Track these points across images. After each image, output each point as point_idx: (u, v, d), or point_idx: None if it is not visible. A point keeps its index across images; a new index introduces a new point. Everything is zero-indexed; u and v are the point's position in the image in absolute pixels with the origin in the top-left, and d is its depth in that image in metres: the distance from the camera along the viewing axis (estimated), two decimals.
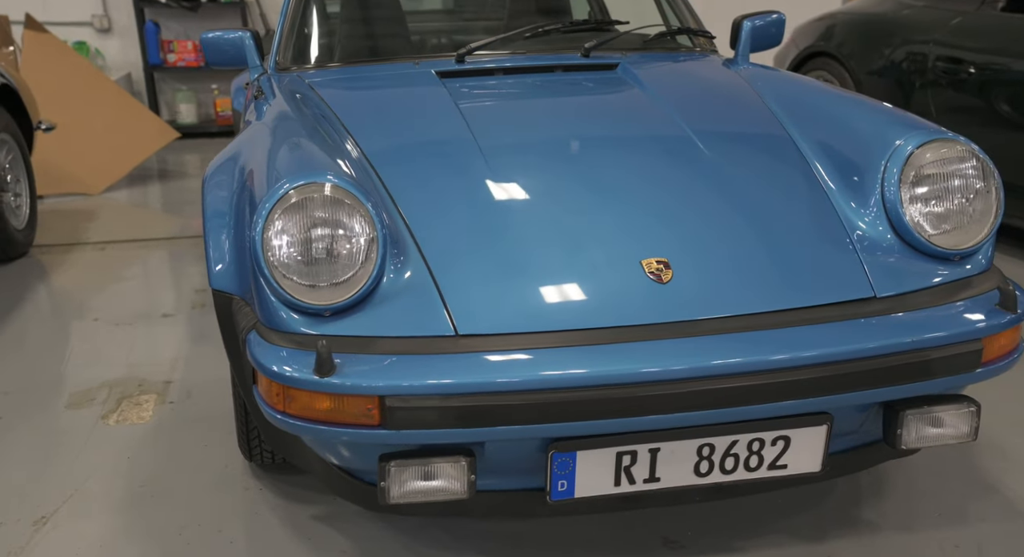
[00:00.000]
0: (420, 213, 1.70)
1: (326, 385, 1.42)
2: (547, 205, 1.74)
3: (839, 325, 1.56)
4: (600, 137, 1.99)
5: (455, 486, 1.51)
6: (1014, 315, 1.60)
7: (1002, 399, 2.38)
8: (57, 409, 2.48)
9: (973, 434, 1.64)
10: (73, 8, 8.23)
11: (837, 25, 4.65)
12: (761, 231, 1.71)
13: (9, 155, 4.13)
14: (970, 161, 1.73)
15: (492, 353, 1.48)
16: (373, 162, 1.82)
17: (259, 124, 2.09)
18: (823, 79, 4.69)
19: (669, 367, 1.46)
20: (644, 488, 1.55)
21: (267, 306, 1.56)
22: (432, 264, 1.60)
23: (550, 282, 1.59)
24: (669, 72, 2.51)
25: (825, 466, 1.59)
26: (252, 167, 1.80)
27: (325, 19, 2.94)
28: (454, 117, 2.02)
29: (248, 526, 1.91)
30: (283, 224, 1.52)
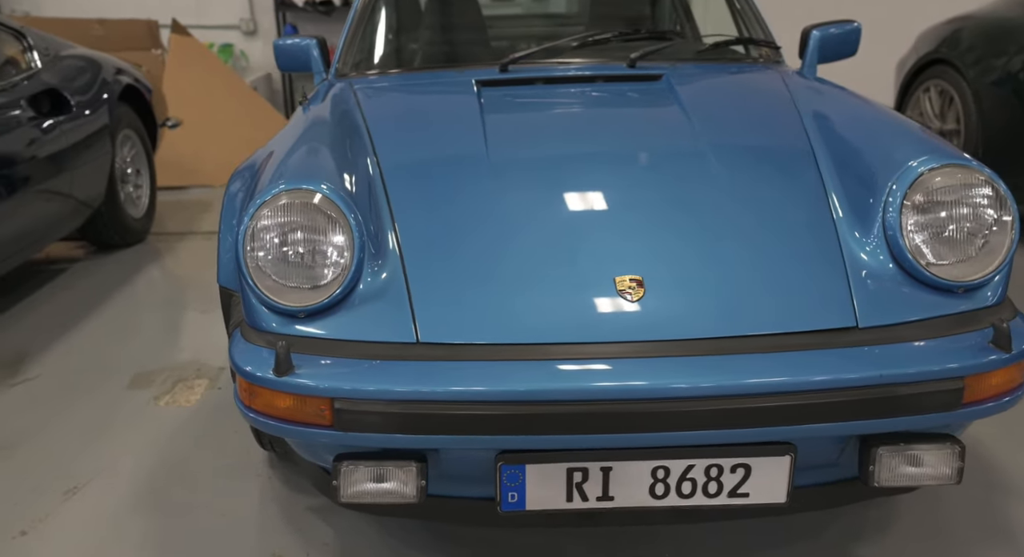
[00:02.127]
0: (413, 225, 1.72)
1: (281, 384, 1.49)
2: (537, 222, 1.74)
3: (809, 354, 1.49)
4: (611, 153, 1.96)
5: (405, 490, 1.55)
6: (1004, 355, 1.49)
7: None
8: (119, 388, 2.69)
9: (956, 476, 1.54)
10: (224, 12, 8.76)
11: (965, 29, 4.33)
12: (750, 254, 1.65)
13: (132, 150, 4.47)
14: (984, 189, 1.61)
15: (446, 362, 1.50)
16: (385, 173, 1.86)
17: (290, 128, 2.20)
18: (939, 90, 4.41)
19: (620, 386, 1.44)
20: (598, 506, 1.54)
21: (247, 304, 1.64)
22: (410, 274, 1.63)
23: (520, 296, 1.60)
24: (712, 85, 2.45)
25: (791, 498, 1.53)
26: (265, 169, 1.89)
27: (386, 27, 3.03)
28: (475, 130, 2.04)
29: (248, 512, 2.01)
30: (267, 224, 1.59)
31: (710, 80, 2.48)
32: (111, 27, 6.50)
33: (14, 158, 3.27)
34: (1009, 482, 2.07)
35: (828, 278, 1.61)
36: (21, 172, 3.28)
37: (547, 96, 2.39)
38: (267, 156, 1.99)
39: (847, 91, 2.31)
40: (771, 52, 2.79)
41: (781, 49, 2.81)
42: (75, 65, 4.03)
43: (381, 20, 3.02)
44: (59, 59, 3.95)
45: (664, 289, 1.58)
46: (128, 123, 4.38)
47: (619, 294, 1.57)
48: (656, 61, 2.54)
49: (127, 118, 4.36)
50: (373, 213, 1.73)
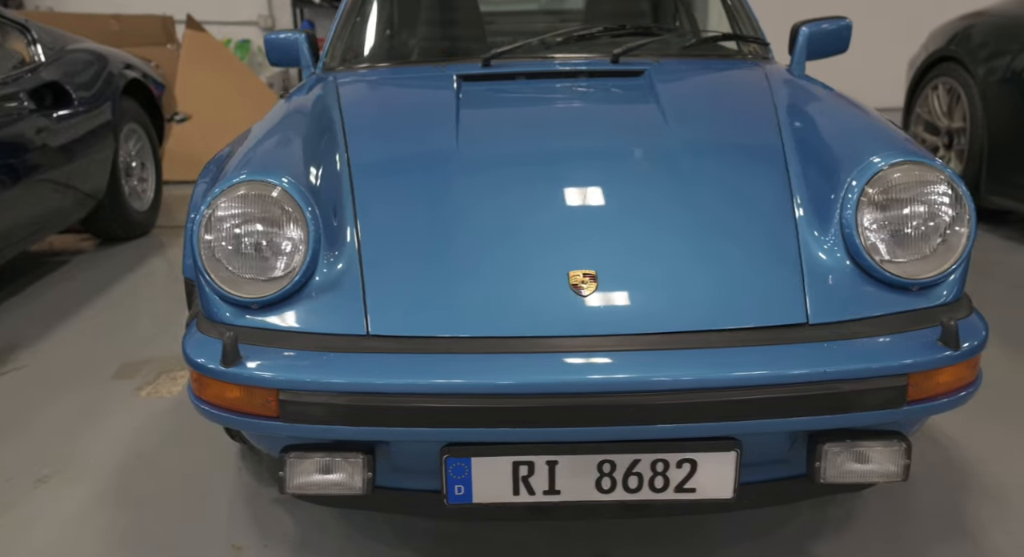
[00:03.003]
0: (375, 220, 1.71)
1: (228, 375, 1.50)
2: (497, 217, 1.73)
3: (756, 350, 1.48)
4: (578, 150, 1.95)
5: (352, 482, 1.55)
6: (950, 353, 1.47)
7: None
8: (104, 378, 2.72)
9: (902, 474, 1.53)
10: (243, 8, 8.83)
11: (976, 27, 4.25)
12: (707, 251, 1.64)
13: (138, 144, 4.52)
14: (942, 187, 1.59)
15: (393, 355, 1.51)
16: (353, 167, 1.85)
17: (266, 119, 2.20)
18: (947, 87, 4.34)
19: (565, 380, 1.44)
20: (545, 500, 1.54)
21: (202, 295, 1.65)
22: (366, 268, 1.63)
23: (473, 290, 1.59)
24: (693, 81, 2.42)
25: (738, 494, 1.52)
26: (231, 159, 1.90)
27: (375, 21, 3.03)
28: (448, 126, 2.03)
29: (213, 504, 2.02)
30: (223, 214, 1.60)
31: (692, 76, 2.46)
32: (127, 23, 6.58)
33: (11, 150, 3.31)
34: (972, 481, 2.04)
35: (782, 274, 1.59)
36: (18, 164, 3.33)
37: (525, 91, 2.38)
38: (238, 145, 2.00)
39: (829, 89, 2.28)
40: (760, 48, 2.76)
41: (770, 46, 2.78)
42: (80, 59, 4.08)
43: (370, 15, 3.03)
44: (64, 53, 4.00)
45: (617, 284, 1.57)
46: (133, 117, 4.42)
47: (571, 288, 1.57)
48: (641, 56, 2.52)
49: (132, 112, 4.40)
50: (336, 207, 1.73)
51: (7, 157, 3.27)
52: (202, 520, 1.96)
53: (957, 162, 4.25)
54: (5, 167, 3.24)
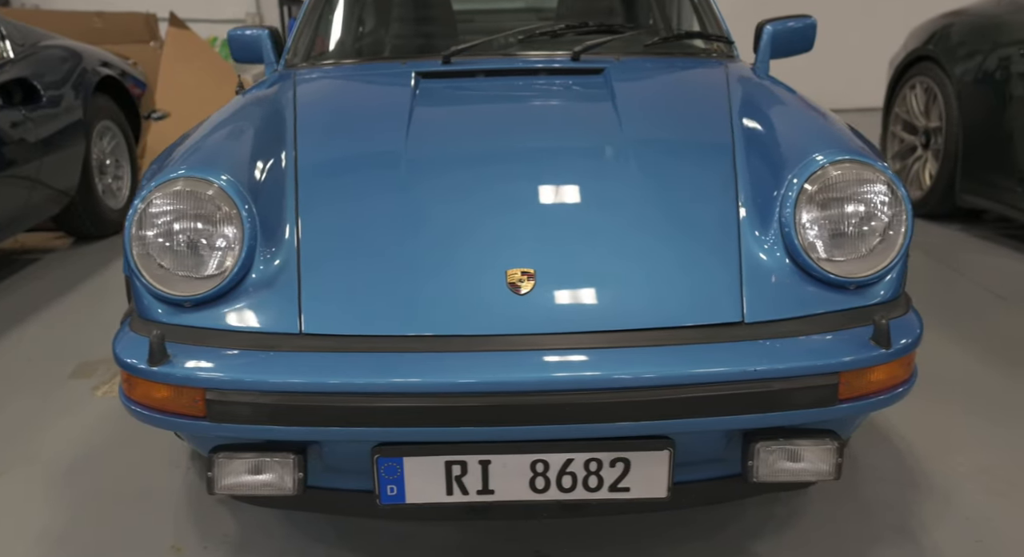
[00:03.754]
0: (316, 219, 1.69)
1: (154, 374, 1.48)
2: (438, 217, 1.71)
3: (687, 348, 1.47)
4: (526, 149, 1.93)
5: (282, 482, 1.54)
6: (881, 352, 1.46)
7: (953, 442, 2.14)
8: (61, 377, 2.70)
9: (835, 472, 1.53)
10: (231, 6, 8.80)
11: (955, 26, 4.23)
12: (647, 250, 1.62)
13: (113, 142, 4.50)
14: (880, 187, 1.59)
15: (323, 353, 1.49)
16: (300, 165, 1.83)
17: (217, 114, 2.18)
18: (924, 87, 4.32)
19: (494, 380, 1.42)
20: (480, 499, 1.52)
21: (135, 293, 1.63)
22: (303, 266, 1.61)
23: (410, 289, 1.58)
24: (652, 79, 2.40)
25: (672, 493, 1.51)
26: (175, 153, 1.88)
27: (339, 18, 3.01)
28: (399, 124, 2.00)
29: (157, 504, 2.01)
30: (156, 210, 1.58)
31: (651, 75, 2.44)
32: (110, 20, 6.55)
33: None
34: (918, 479, 2.04)
35: (721, 273, 1.58)
36: None
37: (482, 89, 2.36)
38: (184, 140, 1.98)
39: (788, 89, 2.26)
40: (725, 47, 2.74)
41: (735, 44, 2.76)
42: (52, 56, 4.05)
43: (334, 12, 3.00)
44: (37, 50, 3.98)
45: (554, 283, 1.56)
46: (108, 115, 4.40)
47: (508, 286, 1.55)
48: (603, 54, 2.51)
49: (107, 110, 4.38)
50: (279, 205, 1.71)
51: None
52: (144, 520, 1.94)
53: (934, 161, 4.24)
54: None
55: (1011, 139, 3.63)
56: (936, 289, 3.41)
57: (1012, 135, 3.63)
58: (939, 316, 3.07)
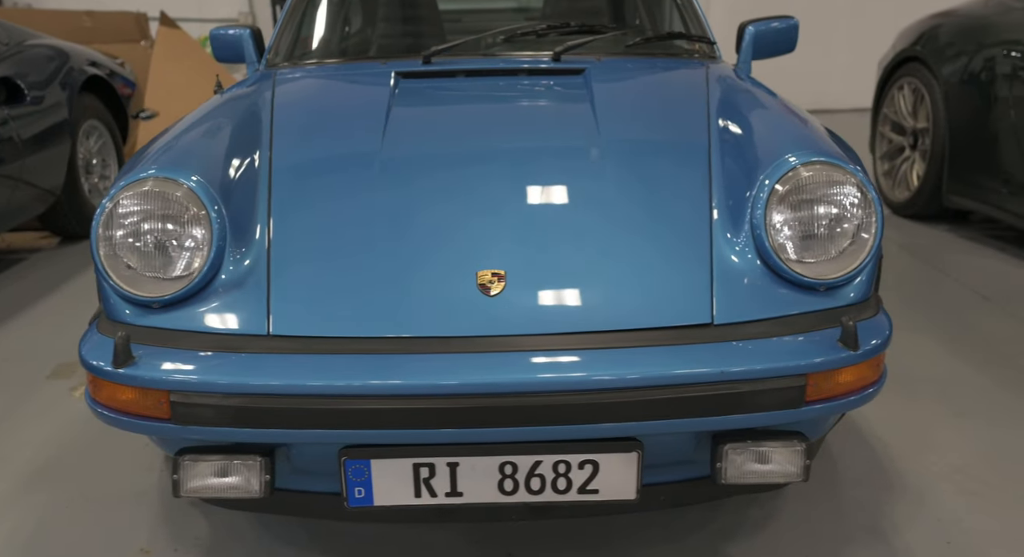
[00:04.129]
0: (288, 220, 1.68)
1: (118, 376, 1.47)
2: (411, 218, 1.70)
3: (657, 350, 1.47)
4: (500, 150, 1.92)
5: (249, 485, 1.53)
6: (849, 353, 1.46)
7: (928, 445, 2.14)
8: (39, 378, 2.69)
9: (802, 474, 1.52)
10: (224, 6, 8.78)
11: (943, 26, 4.23)
12: (616, 251, 1.62)
13: (100, 141, 4.49)
14: (851, 189, 1.58)
15: (289, 355, 1.48)
16: (275, 165, 1.82)
17: (193, 113, 2.17)
18: (912, 87, 4.32)
19: (460, 382, 1.42)
20: (448, 502, 1.52)
21: (102, 293, 1.62)
22: (273, 268, 1.60)
23: (379, 290, 1.57)
24: (631, 80, 2.39)
25: (641, 495, 1.51)
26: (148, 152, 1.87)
27: (319, 18, 3.00)
28: (376, 124, 1.99)
29: (129, 506, 2.00)
30: (124, 211, 1.57)
31: (631, 76, 2.43)
32: (100, 19, 6.54)
33: None
34: (894, 480, 2.03)
35: (692, 275, 1.57)
36: None
37: (461, 89, 2.35)
38: (158, 139, 1.97)
39: (767, 91, 2.25)
40: (707, 48, 2.74)
41: (717, 45, 2.75)
42: (39, 55, 4.05)
43: (317, 11, 2.99)
44: (22, 49, 3.96)
45: (525, 284, 1.55)
46: (95, 114, 4.39)
47: (478, 288, 1.55)
48: (585, 54, 2.50)
49: (93, 109, 4.37)
50: (251, 205, 1.70)
51: None
52: (115, 523, 1.93)
53: (921, 162, 4.23)
54: None
55: (996, 140, 3.63)
56: (921, 289, 3.41)
57: (997, 136, 3.62)
58: (923, 316, 3.07)
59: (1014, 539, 1.81)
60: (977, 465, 2.08)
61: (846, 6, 8.40)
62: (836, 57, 8.33)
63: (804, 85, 8.40)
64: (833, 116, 7.85)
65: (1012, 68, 3.54)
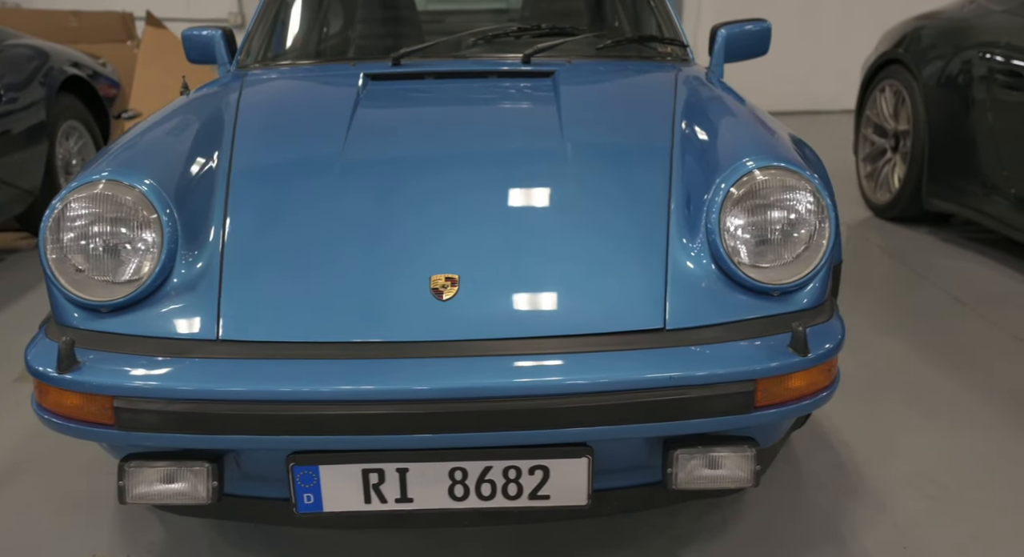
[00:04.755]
0: (244, 224, 1.66)
1: (62, 381, 1.45)
2: (368, 222, 1.68)
3: (607, 355, 1.46)
4: (462, 154, 1.90)
5: (196, 491, 1.51)
6: (798, 359, 1.45)
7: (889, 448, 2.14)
8: (5, 381, 2.67)
9: (752, 479, 1.51)
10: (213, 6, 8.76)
11: (925, 28, 4.22)
12: (571, 256, 1.61)
13: (80, 142, 4.47)
14: (805, 195, 1.57)
15: (236, 360, 1.47)
16: (234, 167, 1.80)
17: (156, 114, 2.16)
18: (894, 90, 4.32)
19: (405, 387, 1.41)
20: (399, 508, 1.51)
21: (51, 297, 1.61)
22: (225, 272, 1.58)
23: (331, 294, 1.55)
24: (600, 82, 2.38)
25: (593, 500, 1.50)
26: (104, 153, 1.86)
27: (293, 19, 2.99)
28: (340, 126, 1.98)
29: (86, 511, 1.98)
30: (73, 214, 1.56)
31: (601, 78, 2.42)
32: (86, 19, 6.52)
33: None
34: (856, 485, 2.03)
35: (646, 280, 1.57)
36: None
37: (428, 92, 2.34)
38: (119, 139, 1.96)
39: (735, 95, 2.24)
40: (680, 50, 2.73)
41: (689, 48, 2.75)
42: (18, 55, 4.03)
43: (290, 12, 2.98)
44: (1, 49, 3.95)
45: (478, 289, 1.55)
46: (75, 115, 4.38)
47: (431, 292, 1.54)
48: (556, 57, 2.49)
49: (73, 109, 4.36)
50: (207, 207, 1.69)
51: None
52: (68, 528, 1.92)
53: (902, 164, 4.23)
54: None
55: (974, 143, 3.63)
56: (896, 292, 3.40)
57: (975, 139, 3.62)
58: (896, 319, 3.07)
59: (968, 543, 1.81)
60: (938, 469, 2.08)
61: (837, 8, 8.40)
62: (827, 59, 8.33)
63: (794, 87, 8.42)
64: (824, 118, 7.85)
65: (988, 70, 3.54)
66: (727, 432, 1.52)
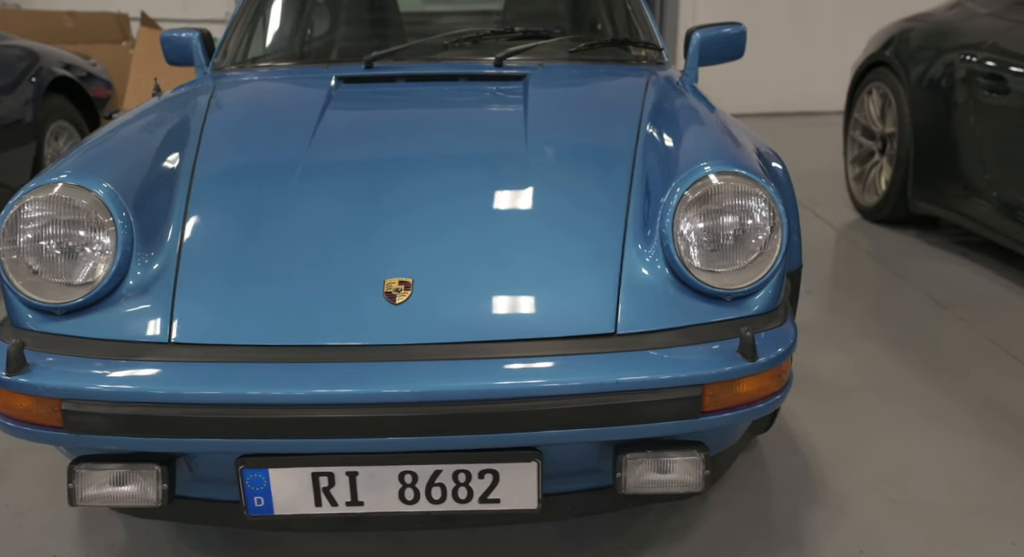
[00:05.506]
0: (202, 227, 1.67)
1: (10, 383, 1.45)
2: (325, 225, 1.68)
3: (555, 359, 1.46)
4: (422, 157, 1.91)
5: (146, 494, 1.52)
6: (745, 364, 1.45)
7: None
8: None
9: (701, 484, 1.52)
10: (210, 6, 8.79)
11: (913, 30, 4.21)
12: (526, 260, 1.61)
13: (69, 142, 4.49)
14: (758, 201, 1.58)
15: (187, 363, 1.47)
16: (197, 169, 1.80)
17: (127, 115, 2.16)
18: (880, 92, 4.31)
19: (352, 391, 1.42)
20: (350, 511, 1.51)
21: (7, 300, 1.61)
22: (181, 275, 1.59)
23: (285, 297, 1.56)
24: (570, 86, 2.38)
25: (543, 504, 1.51)
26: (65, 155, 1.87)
27: (272, 20, 3.00)
28: (306, 129, 1.99)
29: (47, 511, 1.98)
30: (29, 216, 1.56)
31: (571, 81, 2.42)
32: (81, 20, 6.56)
33: None
34: (818, 489, 2.02)
35: (599, 284, 1.57)
36: None
37: (397, 95, 2.35)
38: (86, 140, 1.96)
39: (703, 101, 2.23)
40: (654, 53, 2.73)
41: (664, 51, 2.75)
42: (8, 55, 4.06)
43: (268, 15, 2.99)
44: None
45: (430, 293, 1.55)
46: (64, 115, 4.40)
47: (384, 296, 1.54)
48: (531, 60, 2.50)
49: (62, 110, 4.38)
50: (167, 210, 1.70)
51: None
52: (28, 528, 1.92)
53: (889, 167, 4.22)
54: None
55: (957, 146, 3.62)
56: (878, 295, 3.40)
57: (957, 142, 3.61)
58: (875, 322, 3.06)
59: (925, 547, 1.81)
60: (902, 474, 2.08)
61: (832, 8, 8.38)
62: (821, 59, 8.30)
63: (789, 87, 8.40)
64: (821, 119, 7.83)
65: (970, 73, 3.53)
66: (676, 437, 1.53)
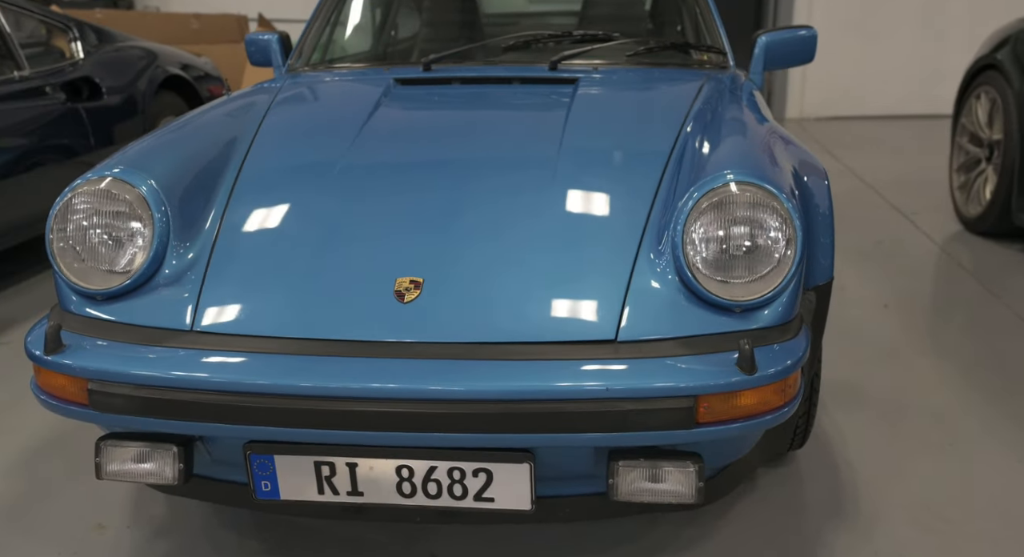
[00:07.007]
0: (238, 220, 1.77)
1: (47, 362, 1.58)
2: (347, 222, 1.75)
3: (552, 363, 1.47)
4: (456, 158, 1.95)
5: (163, 472, 1.61)
6: (743, 377, 1.42)
7: None
8: None
9: (696, 496, 1.49)
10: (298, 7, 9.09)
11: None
12: (537, 264, 1.63)
13: None
14: (773, 214, 1.53)
15: (202, 351, 1.56)
16: (245, 166, 1.91)
17: (192, 112, 2.29)
18: (989, 97, 4.07)
19: (353, 385, 1.46)
20: (350, 500, 1.57)
21: (56, 285, 1.75)
22: (212, 267, 1.69)
23: (301, 291, 1.62)
24: (621, 90, 2.37)
25: (537, 507, 1.52)
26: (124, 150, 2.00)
27: (344, 22, 3.10)
28: (352, 130, 2.06)
29: (91, 485, 2.11)
30: (77, 203, 1.68)
31: (623, 86, 2.41)
32: (206, 21, 6.92)
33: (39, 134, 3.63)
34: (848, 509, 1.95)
35: (606, 290, 1.57)
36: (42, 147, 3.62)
37: (448, 97, 2.39)
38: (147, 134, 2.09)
39: (755, 109, 2.17)
40: (718, 57, 2.68)
41: (729, 54, 2.69)
42: (128, 56, 4.37)
43: (341, 16, 3.10)
44: (109, 51, 4.28)
45: (439, 292, 1.58)
46: (174, 110, 4.68)
47: (394, 294, 1.59)
48: (588, 64, 2.50)
49: (173, 106, 4.66)
50: (210, 204, 1.80)
51: (40, 139, 3.60)
52: (75, 500, 2.05)
53: (994, 176, 3.99)
54: (38, 150, 3.56)
55: None
56: (962, 310, 3.22)
57: None
58: (953, 340, 2.91)
59: None
60: (945, 501, 1.97)
61: (963, 6, 7.92)
62: (951, 59, 7.85)
63: (917, 88, 7.99)
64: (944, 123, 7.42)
65: None
66: (673, 447, 1.51)
